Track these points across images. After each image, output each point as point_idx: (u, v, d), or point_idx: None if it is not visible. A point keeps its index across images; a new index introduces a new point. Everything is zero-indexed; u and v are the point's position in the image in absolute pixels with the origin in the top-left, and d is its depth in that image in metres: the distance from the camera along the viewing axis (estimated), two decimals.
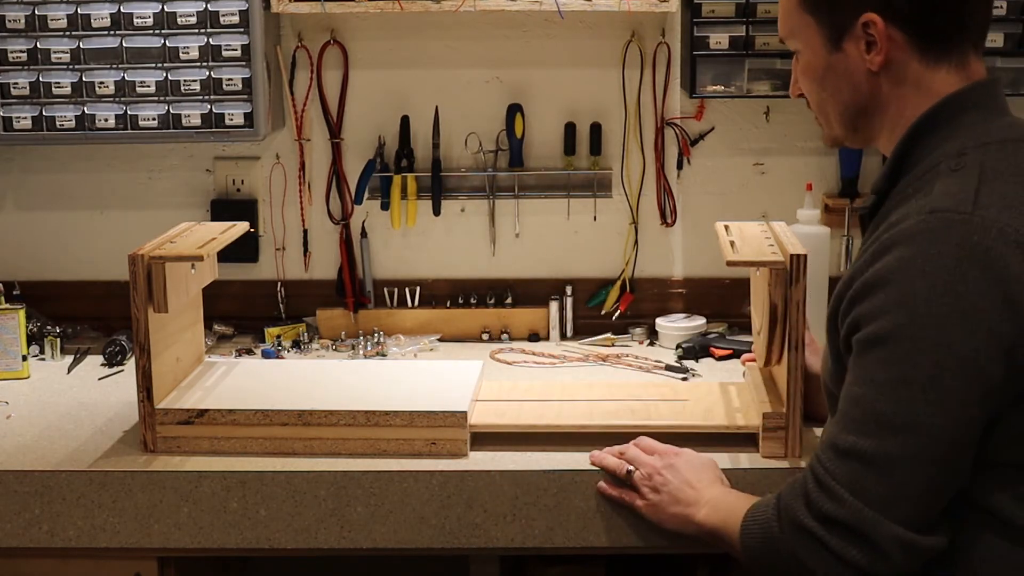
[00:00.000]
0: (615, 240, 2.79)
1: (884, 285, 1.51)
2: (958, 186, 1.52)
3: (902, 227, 1.52)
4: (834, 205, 2.71)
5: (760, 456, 2.04)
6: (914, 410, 1.48)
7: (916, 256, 1.49)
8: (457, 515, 2.01)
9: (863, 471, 1.51)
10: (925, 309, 1.47)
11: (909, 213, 1.53)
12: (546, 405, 2.20)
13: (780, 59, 2.56)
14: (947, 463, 1.50)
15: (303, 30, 2.72)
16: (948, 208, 1.50)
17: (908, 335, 1.48)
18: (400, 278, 2.81)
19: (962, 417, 1.48)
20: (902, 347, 1.49)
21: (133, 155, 2.79)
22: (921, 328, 1.48)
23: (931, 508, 1.52)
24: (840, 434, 1.54)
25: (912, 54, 1.61)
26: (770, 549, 1.62)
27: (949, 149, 1.58)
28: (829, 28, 1.64)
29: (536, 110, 2.75)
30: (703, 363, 2.59)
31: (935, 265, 1.48)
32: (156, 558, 2.06)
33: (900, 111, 1.64)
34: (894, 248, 1.51)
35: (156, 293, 2.08)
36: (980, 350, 1.46)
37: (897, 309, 1.49)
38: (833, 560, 1.53)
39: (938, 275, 1.47)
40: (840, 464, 1.53)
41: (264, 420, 2.08)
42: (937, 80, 1.62)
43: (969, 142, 1.57)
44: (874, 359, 1.52)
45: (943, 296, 1.47)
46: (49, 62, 2.59)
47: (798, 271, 1.97)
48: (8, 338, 2.50)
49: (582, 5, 2.55)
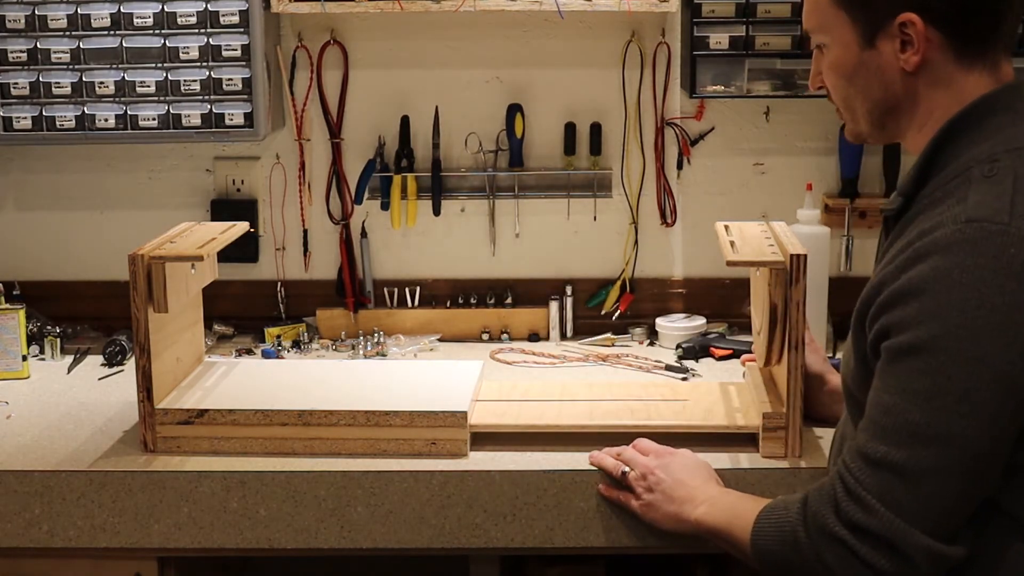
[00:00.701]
0: (615, 240, 2.79)
1: (919, 294, 1.49)
2: (993, 195, 1.50)
3: (936, 236, 1.50)
4: (834, 205, 2.71)
5: (760, 456, 2.04)
6: (947, 422, 1.47)
7: (952, 267, 1.47)
8: (457, 515, 2.01)
9: (894, 481, 1.50)
10: (960, 320, 1.46)
11: (944, 221, 1.51)
12: (546, 405, 2.20)
13: (780, 59, 2.56)
14: (978, 475, 1.49)
15: (303, 30, 2.72)
16: (985, 218, 1.48)
17: (942, 346, 1.47)
18: (400, 278, 2.81)
19: (994, 429, 1.47)
20: (936, 358, 1.48)
21: (133, 155, 2.78)
22: (956, 340, 1.47)
23: (959, 518, 1.51)
24: (870, 443, 1.53)
25: (948, 55, 1.59)
26: (791, 552, 1.61)
27: (979, 153, 1.56)
28: (864, 25, 1.61)
29: (536, 110, 2.75)
30: (703, 363, 2.59)
31: (971, 276, 1.46)
32: (156, 558, 2.06)
33: (929, 111, 1.62)
34: (929, 257, 1.50)
35: (156, 293, 2.08)
36: (1015, 363, 1.46)
37: (931, 319, 1.48)
38: (861, 567, 1.52)
39: (974, 286, 1.46)
40: (871, 474, 1.52)
41: (264, 420, 2.08)
42: (970, 82, 1.60)
43: (999, 147, 1.55)
44: (907, 368, 1.50)
45: (978, 308, 1.46)
46: (49, 62, 2.59)
47: (798, 271, 1.97)
48: (8, 338, 2.50)
49: (582, 5, 2.55)
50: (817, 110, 2.69)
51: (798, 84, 2.57)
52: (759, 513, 1.69)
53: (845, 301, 2.29)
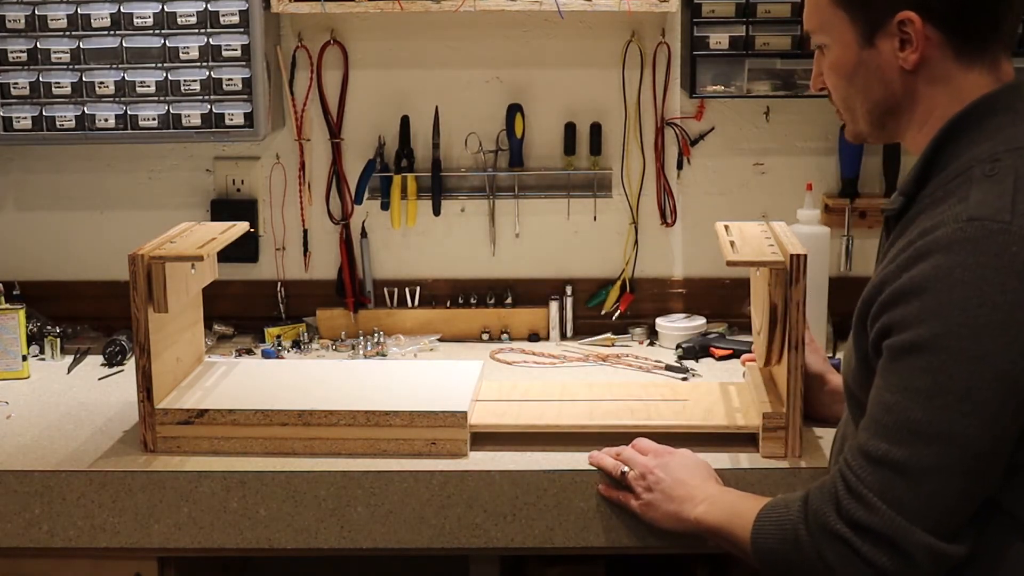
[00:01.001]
0: (615, 240, 2.79)
1: (920, 293, 1.49)
2: (995, 194, 1.51)
3: (938, 234, 1.51)
4: (834, 205, 2.71)
5: (760, 456, 2.04)
6: (948, 420, 1.47)
7: (954, 265, 1.48)
8: (457, 515, 2.01)
9: (895, 480, 1.50)
10: (962, 319, 1.46)
11: (945, 220, 1.52)
12: (546, 405, 2.20)
13: (780, 59, 2.56)
14: (979, 474, 1.49)
15: (303, 30, 2.72)
16: (986, 217, 1.49)
17: (944, 345, 1.47)
18: (400, 278, 2.81)
19: (996, 428, 1.47)
20: (938, 357, 1.48)
21: (133, 155, 2.78)
22: (958, 338, 1.47)
23: (960, 517, 1.51)
24: (871, 441, 1.53)
25: (947, 53, 1.59)
26: (792, 550, 1.61)
27: (980, 153, 1.56)
28: (863, 24, 1.62)
29: (536, 110, 2.75)
30: (703, 363, 2.59)
31: (973, 275, 1.46)
32: (156, 558, 2.06)
33: (930, 110, 1.62)
34: (930, 256, 1.50)
35: (156, 293, 2.08)
36: (1016, 362, 1.46)
37: (933, 318, 1.48)
38: (862, 565, 1.52)
39: (976, 285, 1.46)
40: (872, 472, 1.52)
41: (264, 420, 2.08)
42: (969, 81, 1.60)
43: (1001, 146, 1.55)
44: (909, 367, 1.50)
45: (980, 307, 1.46)
46: (49, 62, 2.59)
47: (798, 271, 1.97)
48: (8, 338, 2.50)
49: (582, 5, 2.55)
50: (817, 110, 2.69)
51: (798, 84, 2.57)
52: (759, 512, 1.69)
53: (845, 301, 2.30)
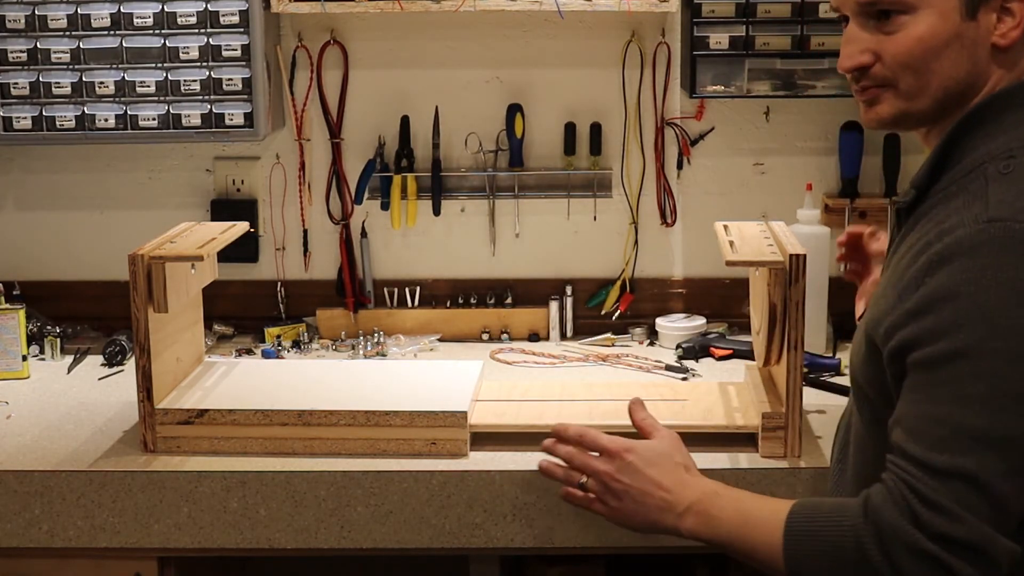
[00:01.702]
0: (615, 240, 2.79)
1: (953, 299, 1.45)
2: (1013, 193, 1.48)
3: (958, 236, 1.47)
4: (834, 205, 2.71)
5: (759, 456, 2.04)
6: (1008, 423, 1.44)
7: (984, 268, 1.44)
8: (457, 515, 2.01)
9: (967, 488, 1.44)
10: (1004, 321, 1.43)
11: (963, 220, 1.48)
12: (546, 405, 2.20)
13: (780, 59, 2.56)
14: None
15: (303, 30, 2.72)
16: (1008, 217, 1.46)
17: (990, 348, 1.44)
18: (400, 278, 2.81)
19: None
20: (986, 360, 1.44)
21: (133, 155, 2.79)
22: (1004, 340, 1.43)
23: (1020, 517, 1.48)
24: (929, 454, 1.46)
25: None
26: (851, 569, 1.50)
27: (995, 148, 1.53)
28: None
29: (536, 110, 2.75)
30: (703, 363, 2.59)
31: (1006, 276, 1.44)
32: (156, 558, 2.06)
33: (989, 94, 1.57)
34: (953, 260, 1.46)
35: (156, 293, 2.08)
36: None
37: (973, 323, 1.44)
38: None
39: (1011, 286, 1.43)
40: (942, 483, 1.45)
41: (264, 420, 2.09)
42: None
43: (1016, 142, 1.52)
44: (953, 376, 1.46)
45: (1020, 307, 1.43)
46: (49, 62, 2.59)
47: (797, 271, 1.98)
48: (8, 338, 2.50)
49: (582, 5, 2.55)
50: (817, 110, 2.70)
51: (798, 84, 2.57)
52: (789, 523, 1.57)
53: (845, 301, 2.30)
